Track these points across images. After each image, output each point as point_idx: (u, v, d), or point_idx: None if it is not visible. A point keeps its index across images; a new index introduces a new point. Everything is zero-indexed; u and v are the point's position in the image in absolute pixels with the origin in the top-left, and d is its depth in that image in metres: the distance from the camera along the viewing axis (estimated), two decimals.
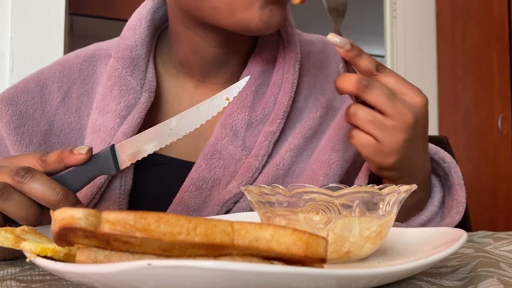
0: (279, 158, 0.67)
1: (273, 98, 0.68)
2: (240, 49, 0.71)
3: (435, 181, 0.69)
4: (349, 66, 0.56)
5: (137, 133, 0.65)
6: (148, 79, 0.68)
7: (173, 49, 0.71)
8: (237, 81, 0.70)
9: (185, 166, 0.67)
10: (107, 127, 0.65)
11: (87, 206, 0.63)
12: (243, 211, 0.65)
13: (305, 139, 0.69)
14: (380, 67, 0.56)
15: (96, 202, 0.65)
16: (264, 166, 0.67)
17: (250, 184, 0.65)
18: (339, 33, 0.56)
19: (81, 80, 0.70)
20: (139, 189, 0.67)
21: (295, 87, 0.69)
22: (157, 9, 0.71)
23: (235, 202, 0.65)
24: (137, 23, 0.69)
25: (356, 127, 0.56)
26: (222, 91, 0.53)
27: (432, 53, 2.83)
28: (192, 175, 0.65)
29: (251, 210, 0.65)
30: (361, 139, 0.55)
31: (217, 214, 0.64)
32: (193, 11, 0.63)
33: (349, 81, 0.54)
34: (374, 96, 0.53)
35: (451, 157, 0.69)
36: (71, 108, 0.69)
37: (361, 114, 0.54)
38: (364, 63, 0.55)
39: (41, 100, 0.68)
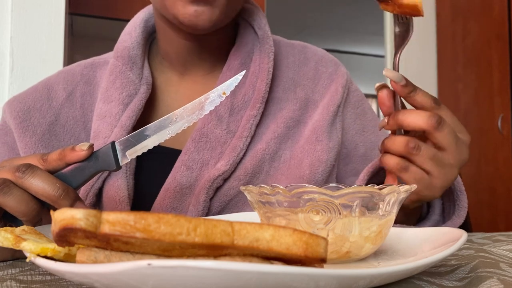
0: (265, 144, 0.73)
1: (252, 86, 0.74)
2: (215, 45, 0.77)
3: None
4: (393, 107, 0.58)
5: (139, 119, 0.72)
6: (145, 75, 0.75)
7: (158, 46, 0.79)
8: (219, 74, 0.77)
9: (175, 153, 0.72)
10: (112, 113, 0.72)
11: (97, 180, 0.69)
12: (233, 190, 0.70)
13: (288, 128, 0.75)
14: (437, 101, 0.56)
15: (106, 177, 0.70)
16: (248, 147, 0.72)
17: (237, 164, 0.71)
18: (396, 65, 0.57)
19: (83, 82, 0.78)
20: (140, 174, 0.73)
21: (270, 74, 0.75)
22: (149, 18, 0.79)
23: (225, 180, 0.70)
24: (133, 29, 0.77)
25: (405, 159, 0.56)
26: (220, 86, 0.56)
27: (432, 53, 2.83)
28: (182, 157, 0.71)
29: (241, 191, 0.68)
30: (416, 174, 0.56)
31: (208, 190, 0.68)
32: (153, 3, 0.72)
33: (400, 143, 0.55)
34: (443, 136, 0.55)
35: None
36: (76, 104, 0.76)
37: (425, 151, 0.55)
38: (421, 98, 0.56)
39: (47, 97, 0.76)
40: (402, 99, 0.58)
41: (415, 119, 0.55)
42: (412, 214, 0.68)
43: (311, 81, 0.80)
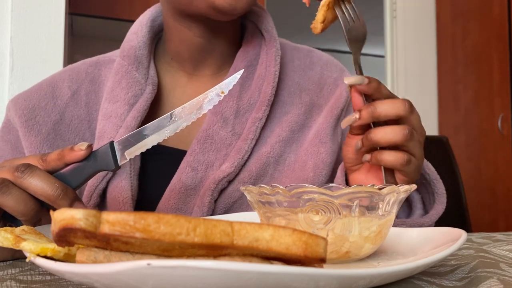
0: (270, 147, 0.73)
1: (257, 89, 0.74)
2: (225, 44, 0.77)
3: None
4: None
5: (144, 119, 0.71)
6: (151, 75, 0.75)
7: (167, 46, 0.78)
8: (225, 74, 0.77)
9: (180, 154, 0.72)
10: (118, 113, 0.71)
11: (101, 181, 0.69)
12: (237, 192, 0.70)
13: (292, 132, 0.75)
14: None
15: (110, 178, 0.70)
16: (253, 149, 0.72)
17: (242, 166, 0.71)
18: (358, 64, 0.59)
19: (88, 81, 0.77)
20: (144, 175, 0.73)
21: (277, 78, 0.75)
22: (156, 17, 0.79)
23: (229, 181, 0.70)
24: (139, 29, 0.77)
25: (393, 149, 0.57)
26: (218, 85, 0.56)
27: (432, 53, 2.83)
28: (187, 158, 0.71)
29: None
30: (414, 162, 0.58)
31: (213, 191, 0.68)
32: (172, 2, 0.71)
33: (398, 132, 0.56)
34: (415, 118, 0.58)
35: None
36: (81, 103, 0.76)
37: (415, 136, 0.57)
38: (385, 89, 0.58)
39: (52, 95, 0.75)
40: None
41: (393, 107, 0.56)
42: None
43: (316, 85, 0.80)
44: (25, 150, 0.72)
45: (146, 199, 0.71)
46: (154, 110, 0.76)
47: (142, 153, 0.69)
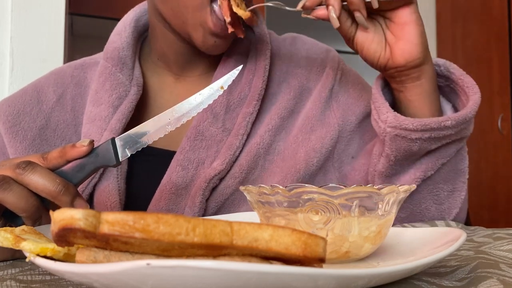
0: (259, 138, 0.72)
1: (248, 83, 0.73)
2: None
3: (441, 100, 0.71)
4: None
5: (129, 122, 0.70)
6: (136, 76, 0.74)
7: (152, 46, 0.77)
8: (213, 73, 0.76)
9: (169, 155, 0.71)
10: (102, 116, 0.70)
11: (87, 186, 0.68)
12: (229, 189, 0.69)
13: (282, 119, 0.74)
14: None
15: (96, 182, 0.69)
16: (244, 145, 0.71)
17: (233, 162, 0.70)
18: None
19: (73, 84, 0.76)
20: (132, 178, 0.72)
21: (267, 71, 0.74)
22: (140, 17, 0.78)
23: (221, 179, 0.69)
24: (122, 29, 0.75)
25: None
26: (218, 81, 0.56)
27: (432, 53, 2.82)
28: (177, 156, 0.69)
29: (237, 189, 0.69)
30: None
31: (204, 191, 0.67)
32: (159, 9, 0.71)
33: None
34: None
35: (441, 59, 0.73)
36: (66, 107, 0.75)
37: None
38: None
39: (37, 100, 0.74)
40: None
41: None
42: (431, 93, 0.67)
43: (304, 69, 0.79)
44: (11, 157, 0.71)
45: (134, 203, 0.70)
46: (141, 111, 0.75)
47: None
